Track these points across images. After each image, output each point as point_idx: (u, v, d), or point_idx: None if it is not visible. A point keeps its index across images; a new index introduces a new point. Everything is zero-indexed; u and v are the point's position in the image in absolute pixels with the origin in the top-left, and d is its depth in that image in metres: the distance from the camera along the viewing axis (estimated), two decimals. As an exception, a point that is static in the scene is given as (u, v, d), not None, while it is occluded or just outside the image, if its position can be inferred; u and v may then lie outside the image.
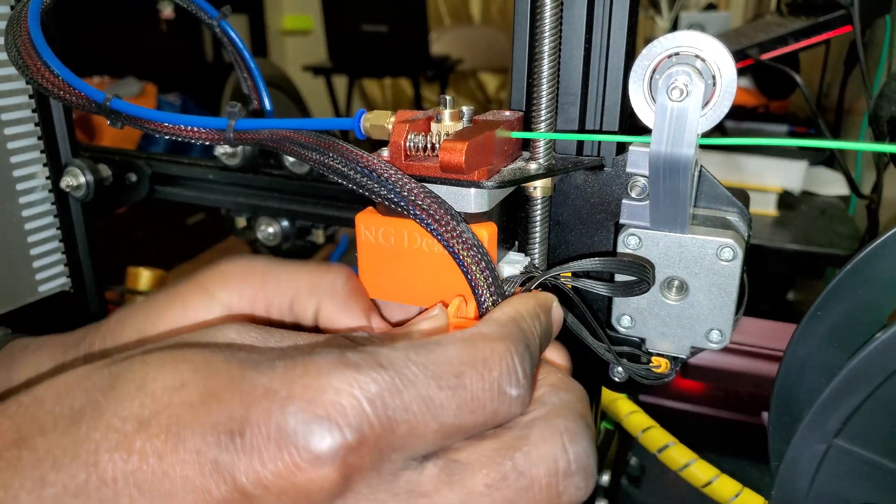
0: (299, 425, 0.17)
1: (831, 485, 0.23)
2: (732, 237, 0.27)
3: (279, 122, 0.29)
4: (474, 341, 0.20)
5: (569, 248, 0.31)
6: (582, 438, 0.20)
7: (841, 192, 0.95)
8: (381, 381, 0.18)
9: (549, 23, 0.27)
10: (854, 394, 0.22)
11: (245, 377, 0.18)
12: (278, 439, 0.17)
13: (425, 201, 0.25)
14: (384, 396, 0.18)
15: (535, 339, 0.22)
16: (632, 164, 0.28)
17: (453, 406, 0.19)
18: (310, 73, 2.41)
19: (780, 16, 0.95)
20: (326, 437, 0.17)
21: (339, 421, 0.17)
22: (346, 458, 0.17)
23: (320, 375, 0.18)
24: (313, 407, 0.17)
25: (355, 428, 0.17)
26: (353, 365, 0.18)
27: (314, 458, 0.17)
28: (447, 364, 0.19)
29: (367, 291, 0.29)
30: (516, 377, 0.20)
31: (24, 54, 0.31)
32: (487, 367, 0.19)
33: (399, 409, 0.18)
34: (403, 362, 0.19)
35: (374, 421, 0.17)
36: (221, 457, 0.17)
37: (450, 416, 0.19)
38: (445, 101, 0.27)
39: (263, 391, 0.18)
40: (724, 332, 0.29)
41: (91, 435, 0.18)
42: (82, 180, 0.46)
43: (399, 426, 0.18)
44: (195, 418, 0.18)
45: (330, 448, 0.17)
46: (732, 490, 0.39)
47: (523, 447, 0.19)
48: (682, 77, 0.24)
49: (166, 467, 0.17)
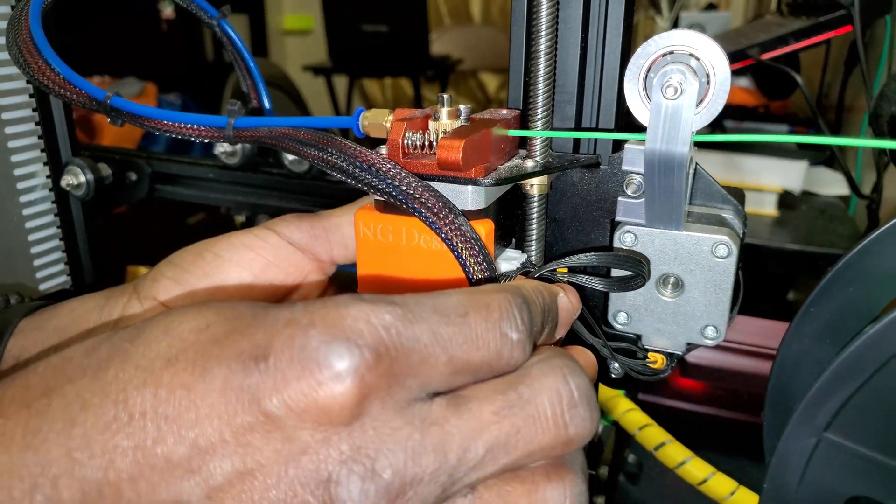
0: (321, 346, 0.18)
1: (822, 478, 0.24)
2: (727, 234, 0.28)
3: (278, 121, 0.29)
4: (477, 291, 0.22)
5: (565, 245, 0.32)
6: (581, 374, 0.21)
7: (841, 192, 0.95)
8: (395, 313, 0.19)
9: (546, 22, 0.27)
10: (844, 387, 0.22)
11: (268, 314, 0.19)
12: (301, 360, 0.18)
13: (423, 195, 0.25)
14: (398, 325, 0.19)
15: (536, 305, 0.23)
16: (627, 162, 0.28)
17: (460, 341, 0.20)
18: (310, 73, 2.41)
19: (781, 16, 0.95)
20: (345, 356, 0.18)
21: (357, 341, 0.18)
22: (364, 377, 0.18)
23: (339, 307, 0.19)
24: (333, 330, 0.18)
25: (372, 348, 0.18)
26: (368, 300, 0.19)
27: (335, 374, 0.18)
28: (453, 306, 0.20)
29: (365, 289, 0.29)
30: (515, 322, 0.21)
31: (25, 52, 0.32)
32: (489, 310, 0.21)
33: (411, 338, 0.19)
34: (414, 302, 0.20)
35: (390, 344, 0.18)
36: (246, 381, 0.18)
37: (458, 349, 0.20)
38: (443, 99, 0.27)
39: (286, 321, 0.19)
40: (720, 329, 0.29)
41: (119, 376, 0.19)
42: (82, 179, 0.46)
43: (411, 353, 0.19)
44: (221, 351, 0.19)
45: (350, 365, 0.18)
46: (728, 488, 0.39)
47: (525, 381, 0.21)
48: (677, 75, 0.24)
49: (194, 397, 0.18)
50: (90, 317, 0.29)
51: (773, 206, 0.88)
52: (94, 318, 0.29)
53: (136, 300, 0.28)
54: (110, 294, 0.30)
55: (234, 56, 0.46)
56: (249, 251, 0.28)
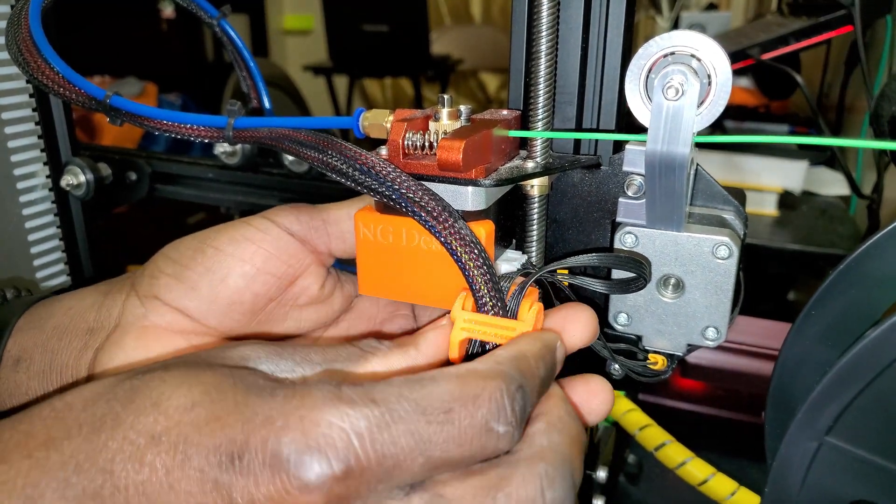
0: (292, 454, 0.19)
1: (823, 482, 0.24)
2: (728, 235, 0.27)
3: (278, 121, 0.29)
4: (467, 378, 0.21)
5: (566, 246, 0.31)
6: (560, 485, 0.21)
7: (842, 192, 0.95)
8: (371, 417, 0.19)
9: (546, 22, 0.27)
10: (845, 391, 0.22)
11: (248, 404, 0.20)
12: (272, 465, 0.19)
13: (423, 198, 0.25)
14: (373, 431, 0.19)
15: (535, 380, 0.23)
16: (628, 163, 0.28)
17: (440, 440, 0.20)
18: (310, 73, 2.41)
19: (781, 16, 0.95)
20: (315, 467, 0.19)
21: (328, 453, 0.19)
22: (332, 488, 0.19)
23: (315, 408, 0.19)
24: (306, 438, 0.19)
25: (343, 460, 0.19)
26: (346, 400, 0.20)
27: (303, 485, 0.19)
28: (438, 400, 0.20)
29: (365, 289, 0.29)
30: (504, 415, 0.21)
31: (25, 51, 0.32)
32: (476, 404, 0.20)
33: (387, 443, 0.19)
34: (396, 398, 0.20)
35: (361, 454, 0.19)
36: (221, 477, 0.19)
37: (437, 449, 0.20)
38: (443, 99, 0.27)
39: (262, 419, 0.19)
40: (721, 330, 0.29)
41: (109, 444, 0.20)
42: (82, 179, 0.46)
43: (386, 459, 0.19)
44: (201, 439, 0.19)
45: (318, 477, 0.19)
46: (729, 488, 0.39)
47: (505, 488, 0.21)
48: (678, 76, 0.24)
49: (172, 481, 0.19)
50: (88, 315, 0.29)
51: (774, 207, 0.88)
52: (92, 318, 0.29)
53: (136, 298, 0.28)
54: (107, 290, 0.30)
55: (235, 56, 0.46)
56: (251, 244, 0.28)
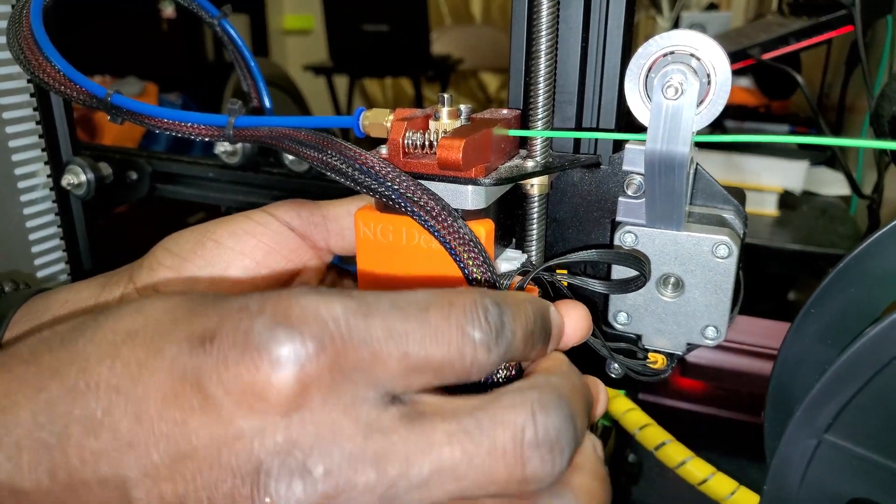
0: (264, 332, 0.18)
1: (822, 480, 0.24)
2: (728, 234, 0.27)
3: (279, 120, 0.29)
4: (445, 291, 0.20)
5: (566, 245, 0.32)
6: (555, 413, 0.20)
7: (842, 192, 0.95)
8: (347, 305, 0.19)
9: (546, 21, 0.27)
10: (845, 389, 0.22)
11: (227, 299, 0.20)
12: (243, 343, 0.18)
13: (422, 198, 0.25)
14: (349, 317, 0.18)
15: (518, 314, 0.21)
16: (628, 162, 0.28)
17: (417, 336, 0.19)
18: (311, 73, 2.41)
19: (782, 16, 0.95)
20: (286, 343, 0.18)
21: (301, 330, 0.18)
22: (304, 366, 0.18)
23: (291, 296, 0.19)
24: (279, 318, 0.18)
25: (317, 338, 0.18)
26: (322, 292, 0.19)
27: (273, 360, 0.17)
28: (414, 301, 0.20)
29: (365, 287, 0.29)
30: (479, 321, 0.20)
31: (26, 49, 0.32)
32: (452, 306, 0.20)
33: (362, 331, 0.18)
34: (374, 297, 0.19)
35: (336, 335, 0.18)
36: (191, 362, 0.18)
37: (414, 345, 0.19)
38: (443, 99, 0.27)
39: (238, 307, 0.19)
40: (720, 329, 0.29)
41: (86, 347, 0.19)
42: (83, 178, 0.46)
43: (361, 347, 0.18)
44: (175, 329, 0.19)
45: (290, 353, 0.18)
46: (728, 488, 0.39)
47: (490, 409, 0.19)
48: (678, 76, 0.24)
49: (143, 373, 0.18)
50: (85, 308, 0.29)
51: (774, 206, 0.88)
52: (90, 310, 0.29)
53: (134, 291, 0.28)
54: (105, 283, 0.29)
55: (235, 56, 0.46)
56: (252, 238, 0.28)
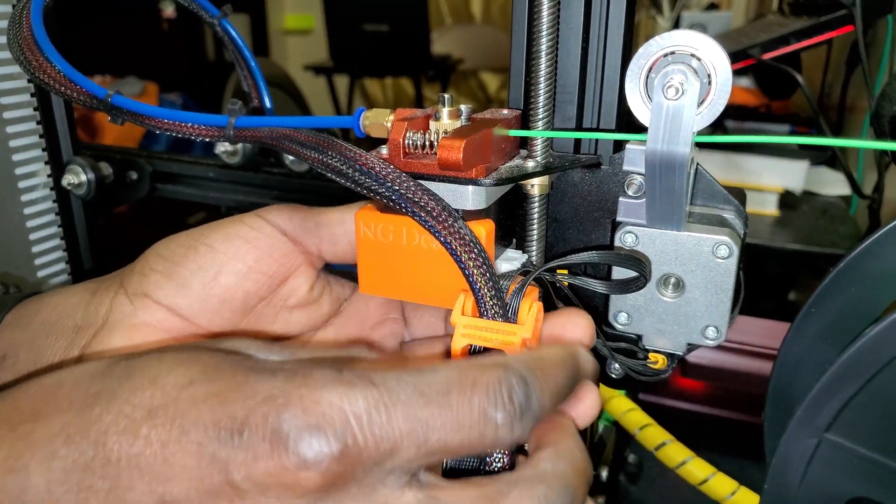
0: (292, 431, 0.19)
1: (822, 479, 0.24)
2: (728, 235, 0.27)
3: (279, 120, 0.29)
4: (466, 366, 0.21)
5: (566, 246, 0.32)
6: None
7: (842, 192, 0.95)
8: (369, 398, 0.19)
9: (547, 22, 0.27)
10: (845, 388, 0.22)
11: (249, 382, 0.20)
12: (272, 441, 0.19)
13: (422, 199, 0.25)
14: (371, 412, 0.19)
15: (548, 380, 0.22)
16: (628, 162, 0.28)
17: (437, 424, 0.20)
18: (311, 73, 2.41)
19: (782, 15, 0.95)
20: (314, 445, 0.19)
21: (327, 431, 0.19)
22: (329, 466, 0.19)
23: (316, 388, 0.19)
24: (306, 416, 0.19)
25: (341, 439, 0.19)
26: (346, 382, 0.20)
27: (301, 462, 0.19)
28: (436, 384, 0.20)
29: (365, 288, 0.29)
30: (502, 402, 0.20)
31: (27, 50, 0.32)
32: (474, 389, 0.20)
33: (384, 425, 0.19)
34: (395, 381, 0.20)
35: (359, 434, 0.19)
36: (220, 451, 0.19)
37: (434, 433, 0.20)
38: (444, 99, 0.27)
39: (264, 397, 0.19)
40: (721, 329, 0.29)
41: (103, 417, 0.20)
42: (83, 178, 0.46)
43: (383, 441, 0.19)
44: (199, 414, 0.19)
45: (316, 455, 0.19)
46: (729, 488, 0.39)
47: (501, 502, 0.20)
48: (678, 76, 0.24)
49: (168, 454, 0.19)
50: (75, 313, 0.28)
51: (774, 206, 0.88)
52: (80, 315, 0.28)
53: (125, 296, 0.28)
54: (96, 288, 0.29)
55: (236, 55, 0.46)
56: (245, 243, 0.28)
